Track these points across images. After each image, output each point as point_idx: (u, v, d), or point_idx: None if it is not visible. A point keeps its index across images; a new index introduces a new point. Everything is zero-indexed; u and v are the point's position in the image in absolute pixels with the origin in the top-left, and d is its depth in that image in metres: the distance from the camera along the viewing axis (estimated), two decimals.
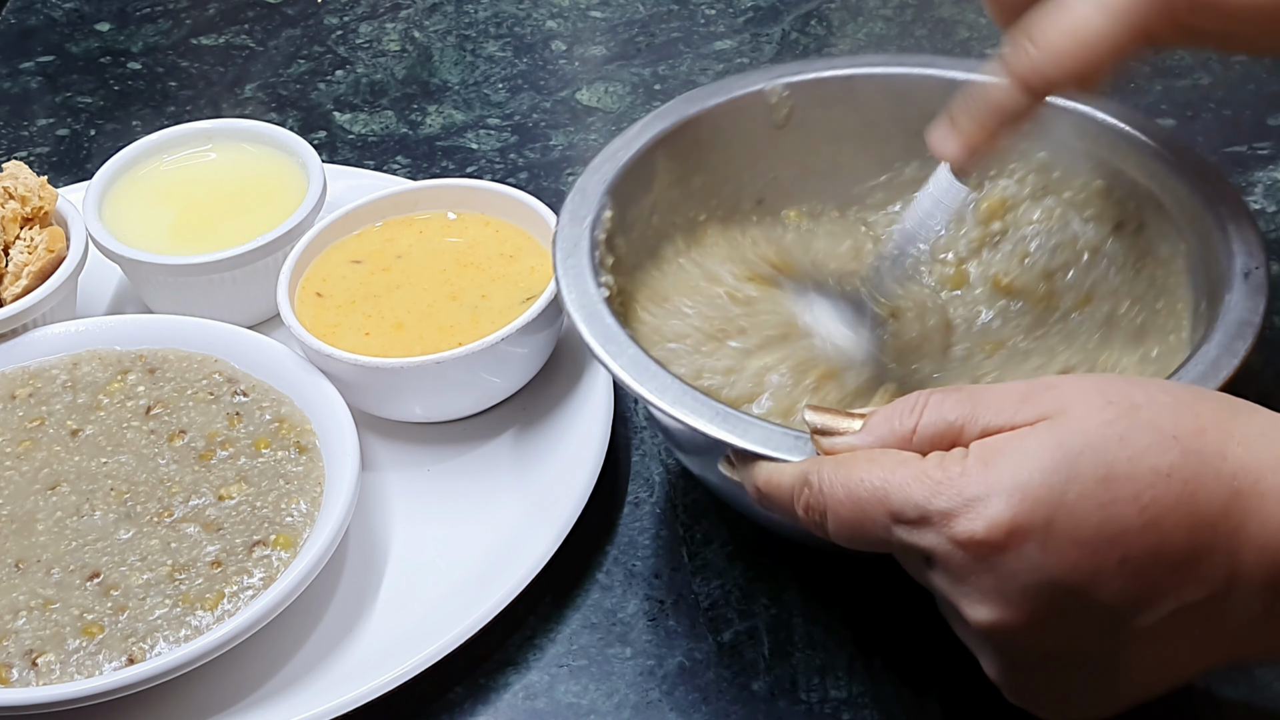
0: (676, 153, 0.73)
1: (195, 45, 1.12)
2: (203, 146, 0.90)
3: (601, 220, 0.69)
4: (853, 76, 0.75)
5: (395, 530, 0.74)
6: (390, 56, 1.09)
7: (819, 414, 0.56)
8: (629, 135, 0.73)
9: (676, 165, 0.73)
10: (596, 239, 0.68)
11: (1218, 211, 0.65)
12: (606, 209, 0.69)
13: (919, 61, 0.75)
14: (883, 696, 0.65)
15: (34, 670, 0.65)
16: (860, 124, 0.75)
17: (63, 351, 0.79)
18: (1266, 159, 0.92)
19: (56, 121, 1.05)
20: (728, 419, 0.59)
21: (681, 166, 0.74)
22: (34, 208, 0.83)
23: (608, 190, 0.70)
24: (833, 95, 0.74)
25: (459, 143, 1.00)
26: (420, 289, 0.79)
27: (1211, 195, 0.66)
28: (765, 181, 0.76)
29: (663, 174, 0.73)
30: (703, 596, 0.70)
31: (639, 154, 0.72)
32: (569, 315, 0.65)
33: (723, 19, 1.09)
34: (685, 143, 0.73)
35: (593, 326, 0.63)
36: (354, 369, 0.74)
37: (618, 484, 0.76)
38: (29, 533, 0.70)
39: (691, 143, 0.74)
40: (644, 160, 0.72)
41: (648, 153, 0.72)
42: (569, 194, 0.70)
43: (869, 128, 0.75)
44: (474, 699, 0.67)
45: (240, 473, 0.72)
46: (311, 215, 0.83)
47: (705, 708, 0.66)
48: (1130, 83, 0.99)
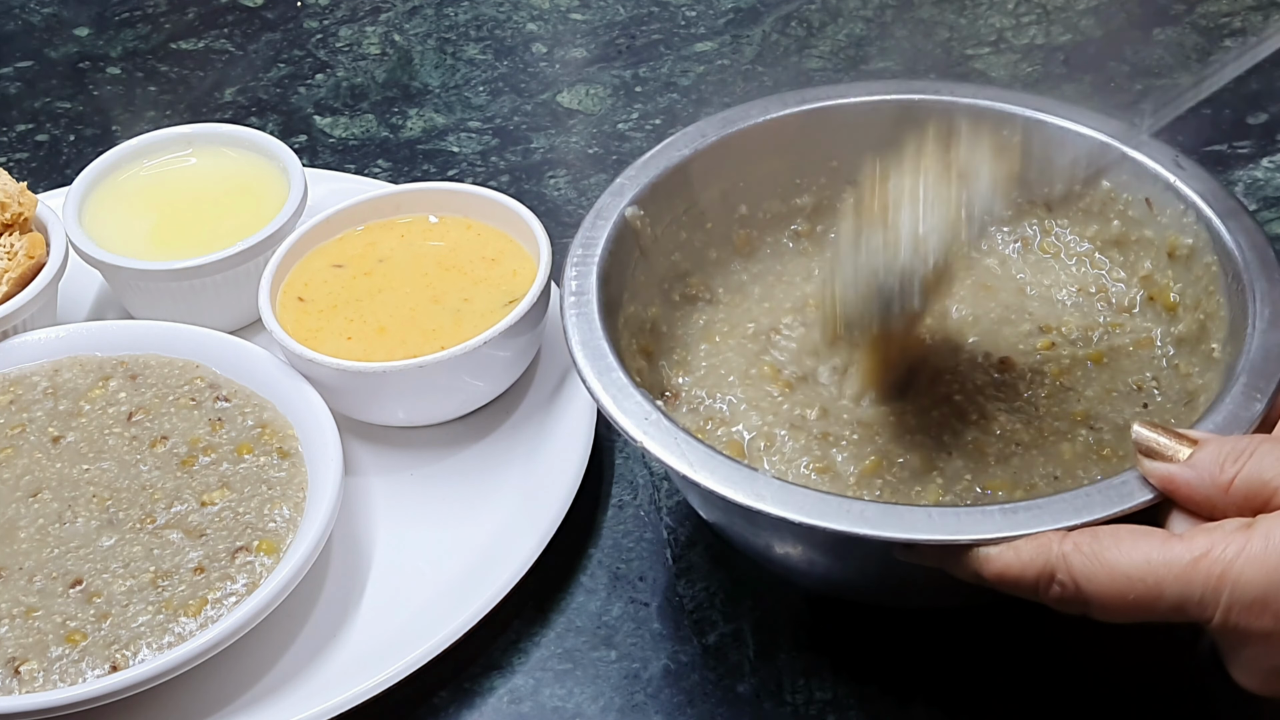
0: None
1: (174, 49, 1.11)
2: (183, 151, 0.90)
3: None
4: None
5: (379, 535, 0.74)
6: (370, 60, 1.09)
7: (1150, 430, 0.56)
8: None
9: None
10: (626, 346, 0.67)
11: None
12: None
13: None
14: (867, 698, 0.65)
15: (16, 678, 0.64)
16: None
17: (43, 358, 0.79)
18: (1246, 158, 0.92)
19: (35, 127, 1.05)
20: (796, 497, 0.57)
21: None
22: (13, 214, 0.83)
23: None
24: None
25: (440, 146, 1.00)
26: (402, 293, 0.79)
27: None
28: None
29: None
30: (687, 599, 0.70)
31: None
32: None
33: (703, 21, 1.09)
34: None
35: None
36: (336, 373, 0.74)
37: (601, 487, 0.76)
38: (10, 540, 0.70)
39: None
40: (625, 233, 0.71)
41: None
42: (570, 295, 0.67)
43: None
44: (459, 703, 0.67)
45: (223, 479, 0.72)
46: (293, 220, 0.83)
47: (690, 710, 0.66)
48: (1110, 82, 1.00)
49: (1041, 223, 0.74)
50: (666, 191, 0.71)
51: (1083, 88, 1.00)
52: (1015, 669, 0.66)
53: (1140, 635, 0.67)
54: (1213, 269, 0.67)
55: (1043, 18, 1.06)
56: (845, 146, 0.73)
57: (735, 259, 0.74)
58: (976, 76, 1.01)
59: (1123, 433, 0.65)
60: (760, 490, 0.57)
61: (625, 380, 0.62)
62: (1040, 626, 0.67)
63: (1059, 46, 1.03)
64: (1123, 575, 0.52)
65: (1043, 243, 0.74)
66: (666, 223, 0.71)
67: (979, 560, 0.55)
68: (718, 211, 0.73)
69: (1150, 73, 0.99)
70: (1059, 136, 0.71)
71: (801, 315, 0.71)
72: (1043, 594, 0.54)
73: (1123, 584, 0.52)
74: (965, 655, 0.67)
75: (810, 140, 0.74)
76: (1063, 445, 0.65)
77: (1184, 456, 0.55)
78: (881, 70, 1.03)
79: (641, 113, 1.01)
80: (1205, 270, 0.67)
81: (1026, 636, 0.67)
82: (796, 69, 1.04)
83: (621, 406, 0.61)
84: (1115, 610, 0.53)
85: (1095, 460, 0.64)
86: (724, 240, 0.74)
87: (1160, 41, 1.03)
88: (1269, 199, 0.89)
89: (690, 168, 0.72)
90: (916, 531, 0.55)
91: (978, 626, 0.67)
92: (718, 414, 0.67)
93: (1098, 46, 1.03)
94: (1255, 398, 0.59)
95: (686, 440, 0.59)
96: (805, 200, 0.75)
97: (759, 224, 0.75)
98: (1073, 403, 0.67)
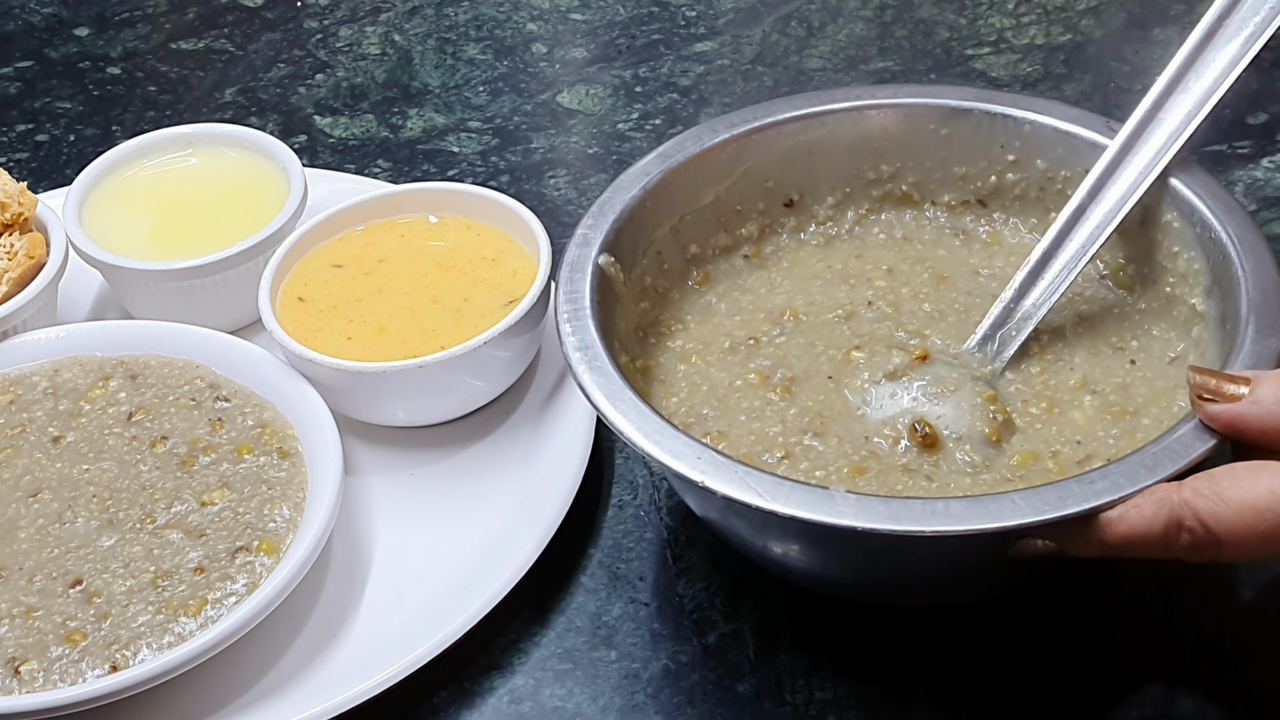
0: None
1: (175, 50, 1.11)
2: (183, 151, 0.90)
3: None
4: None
5: (378, 535, 0.74)
6: (370, 60, 1.09)
7: (1203, 375, 0.56)
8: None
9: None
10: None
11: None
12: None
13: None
14: (867, 698, 0.65)
15: (16, 678, 0.64)
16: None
17: (43, 358, 0.79)
18: (1246, 157, 0.92)
19: (35, 127, 1.05)
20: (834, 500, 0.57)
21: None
22: (13, 214, 0.83)
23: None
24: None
25: (440, 146, 1.00)
26: (402, 293, 0.79)
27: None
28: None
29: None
30: (687, 599, 0.70)
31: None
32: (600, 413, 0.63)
33: (703, 21, 1.09)
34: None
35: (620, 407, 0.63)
36: (336, 373, 0.74)
37: (601, 487, 0.76)
38: (11, 540, 0.70)
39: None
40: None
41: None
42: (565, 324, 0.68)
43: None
44: (459, 703, 0.67)
45: (223, 479, 0.72)
46: (292, 220, 0.83)
47: (690, 710, 0.66)
48: (1110, 82, 1.00)
49: (977, 217, 0.77)
50: (628, 235, 0.72)
51: (1083, 87, 1.00)
52: (1015, 669, 0.66)
53: (1140, 633, 0.67)
54: (1174, 225, 0.69)
55: (1043, 18, 1.06)
56: (776, 165, 0.76)
57: (694, 293, 0.75)
58: (977, 77, 1.01)
59: (1126, 389, 0.67)
60: (840, 508, 0.57)
61: (667, 425, 0.62)
62: (1040, 625, 0.67)
63: (1059, 46, 1.03)
64: (1250, 509, 0.53)
65: (985, 234, 0.76)
66: (631, 267, 0.72)
67: (1102, 527, 0.55)
68: (671, 250, 0.75)
69: (1149, 73, 0.99)
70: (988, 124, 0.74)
71: (780, 325, 0.73)
72: (1172, 545, 0.55)
73: (1251, 518, 0.53)
74: (965, 655, 0.67)
75: (742, 163, 0.75)
76: (1073, 413, 0.66)
77: (1244, 394, 0.55)
78: (881, 70, 1.03)
79: (641, 113, 1.01)
80: (1166, 230, 0.69)
81: (1026, 635, 0.67)
82: (796, 69, 1.04)
83: (673, 451, 0.61)
84: (1249, 546, 0.54)
85: (1111, 420, 0.66)
86: (681, 279, 0.75)
87: (1160, 41, 1.03)
88: (1269, 199, 0.89)
89: (643, 208, 0.73)
90: (1018, 517, 0.56)
91: (978, 626, 0.67)
92: (713, 429, 0.68)
93: (1098, 46, 1.03)
94: (1269, 335, 0.61)
95: (750, 473, 0.59)
96: (750, 229, 0.76)
97: (710, 259, 0.76)
98: (1065, 373, 0.68)
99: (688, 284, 0.75)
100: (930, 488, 0.63)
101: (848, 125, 0.75)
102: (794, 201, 0.76)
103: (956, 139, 0.75)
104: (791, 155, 0.76)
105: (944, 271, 0.74)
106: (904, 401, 0.66)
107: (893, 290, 0.74)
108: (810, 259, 0.76)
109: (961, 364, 0.68)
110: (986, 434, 0.65)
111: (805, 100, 0.76)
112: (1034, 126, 0.73)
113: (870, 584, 0.66)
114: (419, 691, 0.67)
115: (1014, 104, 0.74)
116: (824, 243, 0.77)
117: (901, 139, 0.75)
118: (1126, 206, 0.68)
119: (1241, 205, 0.67)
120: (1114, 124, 0.70)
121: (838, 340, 0.71)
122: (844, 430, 0.66)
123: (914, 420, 0.65)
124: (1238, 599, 0.68)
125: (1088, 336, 0.70)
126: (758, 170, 0.76)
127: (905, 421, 0.65)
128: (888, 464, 0.64)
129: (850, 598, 0.68)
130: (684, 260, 0.75)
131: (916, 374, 0.67)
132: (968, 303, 0.72)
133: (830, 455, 0.65)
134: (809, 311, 0.73)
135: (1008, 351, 0.69)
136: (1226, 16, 0.67)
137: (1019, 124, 0.73)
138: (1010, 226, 0.76)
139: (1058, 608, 0.67)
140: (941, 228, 0.77)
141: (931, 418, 0.65)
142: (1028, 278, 0.69)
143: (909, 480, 0.64)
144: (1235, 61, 0.67)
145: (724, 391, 0.69)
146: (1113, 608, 0.68)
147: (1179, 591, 0.67)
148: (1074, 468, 0.63)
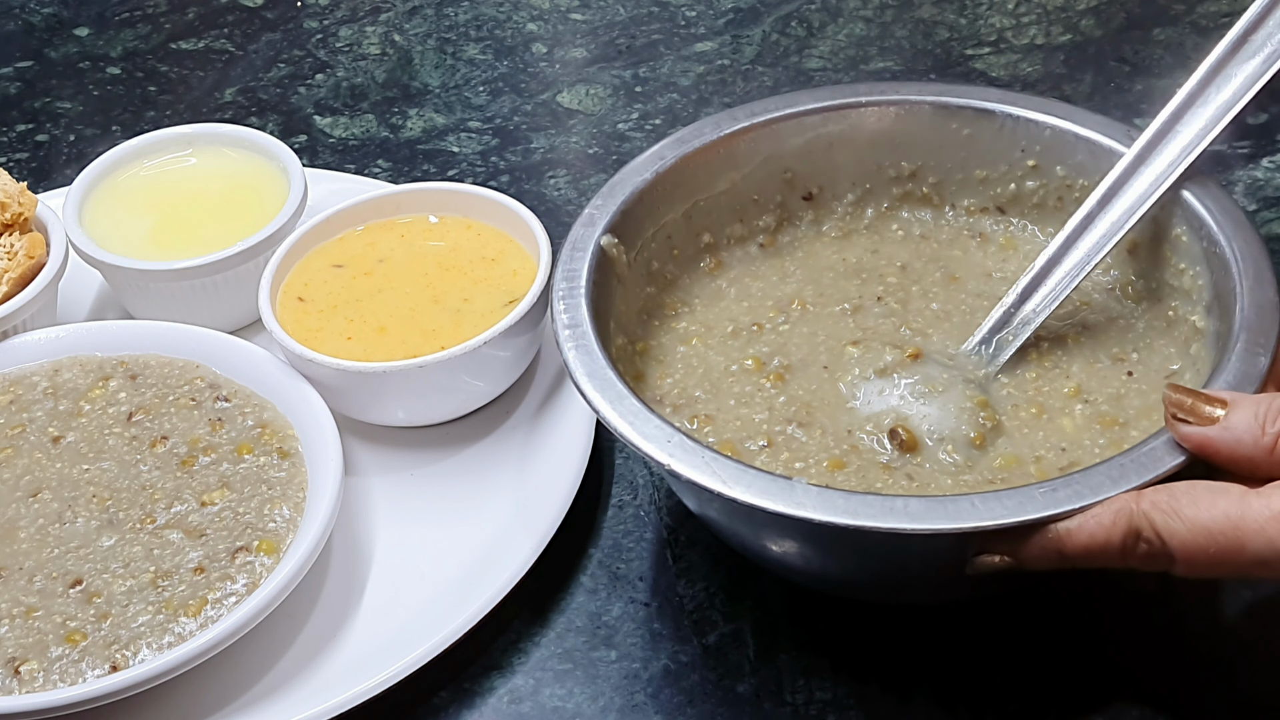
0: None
1: (175, 49, 1.11)
2: (183, 151, 0.90)
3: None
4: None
5: (379, 535, 0.74)
6: (370, 60, 1.09)
7: (1180, 393, 0.56)
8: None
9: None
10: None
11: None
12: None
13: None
14: (867, 697, 0.65)
15: (16, 678, 0.64)
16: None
17: (43, 358, 0.79)
18: (1246, 158, 0.92)
19: (35, 127, 1.05)
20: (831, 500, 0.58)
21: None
22: (13, 214, 0.83)
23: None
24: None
25: (440, 146, 1.00)
26: (402, 293, 0.79)
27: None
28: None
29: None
30: (687, 599, 0.70)
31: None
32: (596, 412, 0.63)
33: (703, 20, 1.09)
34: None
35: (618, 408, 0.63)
36: (336, 373, 0.74)
37: (601, 487, 0.76)
38: (11, 540, 0.70)
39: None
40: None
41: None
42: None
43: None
44: (459, 703, 0.67)
45: (222, 479, 0.72)
46: (292, 220, 0.83)
47: (691, 710, 0.66)
48: (1110, 83, 1.00)
49: (996, 221, 0.76)
50: (636, 217, 0.72)
51: (1083, 88, 1.00)
52: (1015, 668, 0.66)
53: (1139, 633, 0.67)
54: (1183, 240, 0.68)
55: (1043, 18, 1.06)
56: (796, 156, 0.75)
57: (705, 277, 0.75)
58: (977, 77, 1.01)
59: (1119, 400, 0.67)
60: (799, 498, 0.57)
61: (643, 408, 0.62)
62: (1040, 625, 0.67)
63: (1059, 46, 1.03)
64: (1203, 530, 0.53)
65: (1002, 237, 0.76)
66: (638, 249, 0.72)
67: (1059, 537, 0.55)
68: (683, 236, 0.75)
69: (1150, 73, 0.99)
70: (1011, 127, 0.74)
71: (787, 313, 0.73)
72: (1129, 554, 0.55)
73: (1203, 539, 0.53)
74: (965, 654, 0.67)
75: (760, 153, 0.75)
76: (1063, 421, 0.66)
77: (1218, 417, 0.55)
78: (881, 70, 1.03)
79: (641, 113, 1.01)
80: (1175, 244, 0.69)
81: (1026, 635, 0.67)
82: (796, 69, 1.04)
83: (644, 433, 0.61)
84: (1199, 565, 0.54)
85: (1100, 430, 0.66)
86: (692, 264, 0.75)
87: (1160, 41, 1.03)
88: (1269, 199, 0.89)
89: (654, 191, 0.73)
90: (975, 519, 0.56)
91: (977, 625, 0.67)
92: (700, 413, 0.68)
93: (1098, 46, 1.03)
94: (1258, 353, 0.60)
95: (715, 459, 0.59)
96: (767, 220, 0.76)
97: (724, 248, 0.76)
98: (1060, 380, 0.68)
99: (699, 268, 0.75)
100: (910, 486, 0.63)
101: (869, 120, 0.75)
102: (813, 195, 0.76)
103: (978, 141, 0.75)
104: (811, 147, 0.75)
105: (957, 272, 0.74)
106: (891, 399, 0.67)
107: (903, 287, 0.74)
108: (825, 250, 0.76)
109: (956, 365, 0.68)
110: (971, 437, 0.65)
111: (827, 93, 0.76)
112: (1055, 132, 0.73)
113: (867, 581, 0.66)
114: (419, 692, 0.67)
115: (1038, 108, 0.73)
116: (841, 235, 0.77)
117: (922, 136, 0.75)
118: (1134, 218, 0.68)
119: (1252, 222, 0.67)
120: (1134, 132, 0.70)
121: (840, 332, 0.71)
122: (829, 422, 0.66)
123: (894, 424, 0.65)
124: (1238, 599, 0.68)
125: (1089, 345, 0.70)
126: (776, 160, 0.75)
127: (887, 422, 0.65)
128: (869, 460, 0.64)
129: (848, 595, 0.68)
130: (696, 247, 0.75)
131: (906, 372, 0.67)
132: (975, 304, 0.72)
133: (812, 447, 0.65)
134: (817, 302, 0.73)
135: (1004, 355, 0.69)
136: (1252, 31, 0.67)
137: (1040, 128, 0.73)
138: (1028, 233, 0.76)
139: (1058, 608, 0.67)
140: (959, 229, 0.77)
141: (915, 418, 0.65)
142: (1031, 283, 0.69)
143: (888, 478, 0.64)
144: (1255, 78, 0.67)
145: (718, 375, 0.70)
146: (1113, 608, 0.68)
147: (1179, 591, 0.67)
148: (1056, 474, 0.62)
